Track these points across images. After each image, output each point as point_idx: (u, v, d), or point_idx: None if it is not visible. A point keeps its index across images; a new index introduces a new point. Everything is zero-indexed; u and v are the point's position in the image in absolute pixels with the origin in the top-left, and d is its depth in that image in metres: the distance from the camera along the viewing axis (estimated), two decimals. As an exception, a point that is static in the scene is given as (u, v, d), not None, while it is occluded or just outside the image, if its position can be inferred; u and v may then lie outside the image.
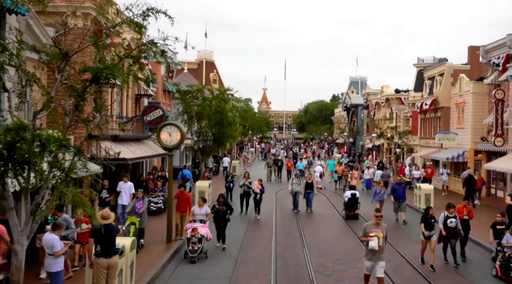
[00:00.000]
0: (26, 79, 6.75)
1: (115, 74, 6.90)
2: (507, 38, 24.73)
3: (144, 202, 14.36)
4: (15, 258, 6.54)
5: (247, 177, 21.22)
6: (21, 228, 6.57)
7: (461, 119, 30.07)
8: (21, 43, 6.83)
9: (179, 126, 15.11)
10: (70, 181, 6.34)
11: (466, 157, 28.54)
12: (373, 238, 9.86)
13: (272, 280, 11.71)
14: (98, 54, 7.50)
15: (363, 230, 10.35)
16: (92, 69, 7.14)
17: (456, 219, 13.43)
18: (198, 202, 14.85)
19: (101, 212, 8.93)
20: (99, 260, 8.67)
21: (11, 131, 5.39)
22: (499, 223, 13.37)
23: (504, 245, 12.33)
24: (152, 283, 11.12)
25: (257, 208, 20.42)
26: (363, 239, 10.29)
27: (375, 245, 9.83)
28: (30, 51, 7.59)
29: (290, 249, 14.88)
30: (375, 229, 10.07)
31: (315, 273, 12.25)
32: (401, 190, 19.86)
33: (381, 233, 10.00)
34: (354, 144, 62.82)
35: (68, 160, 6.37)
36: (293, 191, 22.04)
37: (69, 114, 6.95)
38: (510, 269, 11.78)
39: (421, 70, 37.46)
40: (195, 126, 24.57)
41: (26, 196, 6.47)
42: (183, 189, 16.22)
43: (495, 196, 26.91)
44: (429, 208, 13.61)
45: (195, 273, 12.24)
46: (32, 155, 5.48)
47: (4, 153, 5.57)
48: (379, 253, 10.01)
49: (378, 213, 10.36)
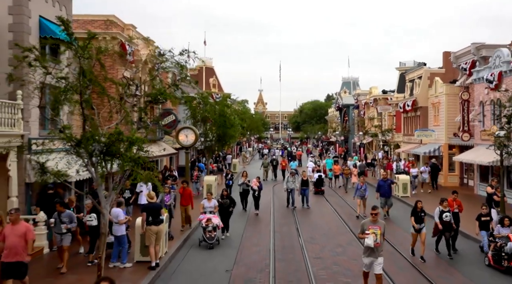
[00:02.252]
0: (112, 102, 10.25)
1: (167, 97, 10.43)
2: (471, 46, 28.44)
3: (171, 195, 17.00)
4: (103, 217, 10.08)
5: (245, 176, 22.18)
6: (106, 198, 10.08)
7: (437, 118, 33.74)
8: (106, 79, 10.24)
9: (193, 129, 18.67)
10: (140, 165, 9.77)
11: (442, 151, 32.22)
12: (369, 235, 9.95)
13: (271, 247, 15.23)
14: (153, 84, 11.05)
15: (361, 227, 10.41)
16: (153, 94, 10.71)
17: (450, 213, 13.95)
18: (207, 196, 16.85)
19: (148, 193, 12.49)
20: (151, 227, 12.20)
21: (113, 135, 8.86)
22: (484, 215, 13.96)
23: (496, 236, 12.88)
24: (176, 253, 14.45)
25: (256, 204, 21.46)
26: (361, 236, 10.40)
27: (371, 242, 9.90)
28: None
29: (286, 226, 18.45)
30: (372, 226, 10.14)
31: (305, 243, 15.77)
32: (386, 186, 20.21)
33: (378, 230, 10.05)
34: (347, 143, 66.39)
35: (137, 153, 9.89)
36: (288, 189, 22.76)
37: (135, 123, 10.44)
38: (502, 258, 12.29)
39: (403, 73, 41.15)
40: (201, 129, 28.04)
41: (110, 176, 9.98)
42: (186, 185, 17.87)
43: (467, 185, 30.61)
44: (417, 201, 14.05)
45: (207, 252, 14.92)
46: (122, 149, 8.97)
47: (104, 149, 9.04)
48: (377, 250, 10.06)
49: (374, 211, 10.35)
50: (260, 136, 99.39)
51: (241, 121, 38.00)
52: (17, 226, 9.77)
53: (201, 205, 16.25)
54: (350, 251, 14.84)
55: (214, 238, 14.96)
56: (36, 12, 14.70)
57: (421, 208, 13.83)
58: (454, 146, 31.74)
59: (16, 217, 9.87)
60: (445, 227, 13.70)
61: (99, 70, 9.90)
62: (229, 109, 29.41)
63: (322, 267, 13.07)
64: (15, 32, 13.93)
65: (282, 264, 13.37)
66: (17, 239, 9.59)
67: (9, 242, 9.57)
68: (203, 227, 15.16)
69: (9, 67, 13.88)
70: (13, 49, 13.75)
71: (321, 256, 14.19)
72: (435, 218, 14.01)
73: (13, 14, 13.91)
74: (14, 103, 13.45)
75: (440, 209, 13.88)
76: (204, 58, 59.04)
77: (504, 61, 24.06)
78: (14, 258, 9.50)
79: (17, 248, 9.57)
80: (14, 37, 13.84)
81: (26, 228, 9.88)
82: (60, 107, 10.15)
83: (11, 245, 9.53)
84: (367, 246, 10.00)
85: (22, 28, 14.00)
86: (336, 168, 31.91)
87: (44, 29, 14.89)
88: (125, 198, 16.32)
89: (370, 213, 10.47)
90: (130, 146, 8.93)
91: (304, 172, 24.38)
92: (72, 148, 9.47)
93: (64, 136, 9.21)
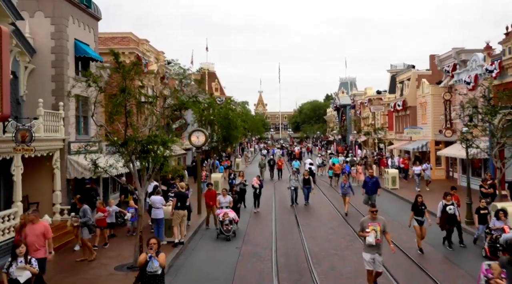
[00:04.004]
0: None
1: (189, 107, 13.20)
2: (452, 51, 31.21)
3: (190, 192, 18.83)
4: (140, 201, 12.81)
5: (242, 176, 22.73)
6: (141, 187, 12.83)
7: (424, 116, 36.45)
8: (140, 93, 12.90)
9: (204, 131, 21.28)
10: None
11: (429, 147, 34.95)
12: (370, 233, 10.06)
13: (273, 230, 17.96)
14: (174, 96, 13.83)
15: (361, 225, 10.47)
16: (178, 105, 13.46)
17: (454, 205, 14.30)
18: (222, 192, 17.84)
19: (180, 184, 15.41)
20: (179, 211, 14.99)
21: (150, 137, 11.52)
22: (482, 208, 14.41)
23: (492, 228, 13.26)
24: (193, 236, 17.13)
25: (256, 202, 22.00)
26: (361, 234, 10.45)
27: (372, 240, 10.01)
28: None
29: (286, 215, 21.18)
30: (371, 223, 10.22)
31: (302, 227, 18.48)
32: (371, 183, 20.49)
33: (378, 227, 10.13)
34: (344, 141, 69.12)
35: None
36: (291, 187, 23.31)
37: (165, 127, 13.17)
38: (498, 249, 12.58)
39: (394, 75, 43.90)
40: (208, 130, 30.79)
41: (145, 169, 12.71)
42: (211, 187, 19.11)
43: (452, 178, 33.32)
44: (417, 196, 14.48)
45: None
46: (156, 148, 11.70)
47: (144, 148, 11.78)
48: (377, 247, 10.15)
49: (373, 209, 10.45)
50: (261, 136, 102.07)
51: (243, 122, 40.60)
52: (36, 226, 10.45)
53: (218, 200, 17.54)
54: (340, 232, 17.57)
55: (231, 230, 16.15)
56: (72, 35, 17.50)
57: (421, 202, 14.22)
58: (440, 142, 34.42)
59: (34, 217, 10.59)
60: (449, 219, 14.10)
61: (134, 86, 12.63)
62: (233, 112, 32.23)
63: (316, 244, 15.74)
64: (57, 54, 16.73)
65: (283, 242, 16.07)
66: (35, 238, 10.25)
67: (29, 240, 10.09)
68: (220, 221, 16.29)
69: (52, 83, 16.72)
70: (55, 68, 16.56)
71: (315, 236, 16.89)
72: (437, 212, 14.58)
73: (54, 39, 16.71)
74: (57, 113, 16.21)
75: (444, 203, 14.35)
76: (206, 63, 61.99)
77: (479, 65, 26.77)
78: (33, 255, 9.75)
79: (36, 246, 10.16)
80: (55, 57, 16.68)
81: (44, 227, 10.54)
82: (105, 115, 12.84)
83: (30, 243, 10.02)
84: (369, 244, 10.07)
85: (62, 50, 16.81)
86: (336, 167, 32.33)
87: (78, 49, 17.66)
88: (135, 198, 17.05)
89: (369, 210, 10.57)
90: (162, 146, 11.63)
91: (306, 171, 25.12)
92: (117, 148, 12.19)
93: (111, 139, 11.94)
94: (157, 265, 8.45)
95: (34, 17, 16.49)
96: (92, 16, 19.22)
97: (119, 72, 11.38)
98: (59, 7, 16.58)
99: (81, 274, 12.41)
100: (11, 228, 13.07)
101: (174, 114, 13.72)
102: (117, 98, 11.16)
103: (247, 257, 14.25)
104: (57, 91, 16.58)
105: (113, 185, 21.69)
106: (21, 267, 8.53)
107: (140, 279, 8.58)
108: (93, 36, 19.46)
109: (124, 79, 11.29)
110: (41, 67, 16.43)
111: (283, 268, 12.97)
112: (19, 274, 8.47)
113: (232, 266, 13.19)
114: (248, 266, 13.30)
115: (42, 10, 16.49)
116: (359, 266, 12.35)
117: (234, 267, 13.14)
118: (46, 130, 15.20)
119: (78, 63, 18.07)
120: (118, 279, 11.95)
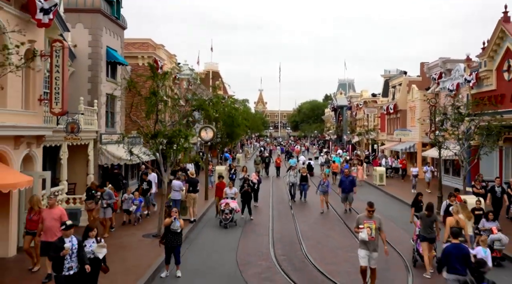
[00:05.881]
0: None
1: (205, 108, 16.27)
2: (439, 60, 34.27)
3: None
4: (163, 183, 15.80)
5: (245, 171, 23.57)
6: (165, 172, 15.85)
7: (413, 119, 39.45)
8: (168, 97, 15.86)
9: (212, 128, 24.23)
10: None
11: (416, 148, 38.02)
12: (363, 229, 10.28)
13: (270, 214, 21.00)
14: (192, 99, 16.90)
15: (356, 222, 10.74)
16: (196, 105, 16.51)
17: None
18: (229, 185, 19.60)
19: (190, 171, 18.46)
20: (191, 194, 18.04)
21: (176, 132, 14.43)
22: (477, 209, 14.69)
23: (480, 229, 13.53)
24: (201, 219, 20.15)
25: (255, 196, 22.55)
26: (356, 230, 10.71)
27: (365, 236, 10.24)
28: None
29: (282, 205, 24.23)
30: (367, 220, 10.44)
31: (295, 213, 21.52)
32: (348, 182, 21.18)
33: (373, 225, 10.33)
34: (341, 141, 72.13)
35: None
36: (290, 183, 24.49)
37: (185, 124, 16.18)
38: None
39: (387, 80, 46.93)
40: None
41: (169, 156, 15.69)
42: (222, 179, 20.97)
43: (437, 177, 36.29)
44: (418, 194, 15.32)
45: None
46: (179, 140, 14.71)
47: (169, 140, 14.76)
48: (371, 244, 10.35)
49: (369, 208, 10.58)
50: (260, 134, 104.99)
51: (245, 120, 43.56)
52: (54, 210, 10.98)
53: (224, 192, 19.16)
54: (328, 216, 20.63)
55: (229, 219, 17.82)
56: (105, 43, 20.56)
57: (420, 200, 15.07)
58: (427, 144, 37.45)
59: (53, 202, 11.17)
60: None
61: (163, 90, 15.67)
62: (236, 111, 35.25)
63: (306, 225, 18.78)
64: (93, 59, 19.77)
65: (278, 224, 19.11)
66: (53, 222, 10.73)
67: (46, 224, 10.71)
68: (221, 210, 18.00)
69: (88, 83, 19.77)
70: (91, 71, 19.61)
71: (306, 221, 19.94)
72: (441, 211, 15.28)
73: (91, 46, 19.74)
74: (92, 109, 19.23)
75: (448, 203, 14.90)
76: (210, 62, 65.07)
77: (461, 75, 29.80)
78: (51, 238, 10.29)
79: (53, 229, 10.64)
80: (92, 62, 19.75)
81: (61, 212, 11.07)
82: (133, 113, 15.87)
83: (48, 227, 10.65)
84: (362, 239, 10.34)
85: (97, 56, 19.85)
86: (335, 166, 33.25)
87: (109, 55, 20.69)
88: (143, 189, 19.05)
89: (366, 209, 10.74)
90: (185, 139, 14.67)
91: (303, 168, 25.93)
92: (147, 140, 15.20)
93: (143, 132, 14.96)
94: (178, 225, 11.67)
95: (75, 28, 19.49)
96: (120, 26, 22.29)
97: (154, 80, 14.35)
98: (96, 20, 19.67)
99: (115, 241, 15.42)
100: (59, 201, 16.11)
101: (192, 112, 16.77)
102: (151, 100, 14.15)
103: (248, 234, 17.23)
104: (92, 91, 19.69)
105: (131, 173, 24.75)
106: (101, 245, 9.26)
107: (165, 236, 11.66)
108: (120, 42, 22.50)
109: (157, 85, 14.26)
110: (80, 70, 19.49)
111: (278, 242, 15.97)
112: (99, 251, 9.18)
113: (236, 240, 16.17)
114: (249, 240, 16.26)
115: (82, 22, 19.53)
116: (340, 243, 15.66)
117: (237, 240, 16.13)
118: (85, 123, 18.23)
119: (108, 66, 21.10)
120: (147, 243, 15.03)
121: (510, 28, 22.33)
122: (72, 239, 8.58)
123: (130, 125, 23.45)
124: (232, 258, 13.82)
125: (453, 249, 9.06)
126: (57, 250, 8.38)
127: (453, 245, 9.20)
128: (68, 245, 8.39)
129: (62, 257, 8.34)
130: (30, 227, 11.48)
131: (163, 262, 12.40)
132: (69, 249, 8.38)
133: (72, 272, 8.47)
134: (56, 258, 8.42)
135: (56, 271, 8.49)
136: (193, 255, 14.06)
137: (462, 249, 9.11)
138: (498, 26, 23.22)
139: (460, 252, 9.00)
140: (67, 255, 8.37)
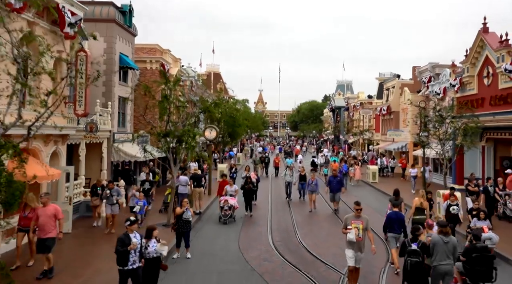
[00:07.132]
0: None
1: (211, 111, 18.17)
2: (429, 65, 36.17)
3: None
4: (172, 177, 17.65)
5: (247, 170, 24.35)
6: (174, 167, 17.68)
7: (405, 120, 41.36)
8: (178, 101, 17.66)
9: (215, 128, 26.09)
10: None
11: (408, 147, 39.91)
12: (351, 230, 10.24)
13: (269, 207, 22.86)
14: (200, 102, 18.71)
15: (344, 222, 10.72)
16: (203, 108, 18.35)
17: (458, 206, 14.93)
18: (229, 182, 20.31)
19: (195, 168, 20.28)
20: (196, 188, 19.88)
21: (184, 131, 16.26)
22: (475, 209, 14.79)
23: (472, 228, 13.54)
24: (205, 212, 21.99)
25: (254, 195, 23.05)
26: (343, 231, 10.58)
27: (353, 237, 10.20)
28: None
29: (279, 198, 26.11)
30: (355, 221, 10.42)
31: (292, 207, 23.38)
32: (335, 182, 21.47)
33: (361, 225, 10.30)
34: (338, 141, 73.98)
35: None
36: (286, 182, 25.13)
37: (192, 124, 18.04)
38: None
39: (382, 82, 48.83)
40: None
41: (179, 153, 17.52)
42: (225, 177, 21.92)
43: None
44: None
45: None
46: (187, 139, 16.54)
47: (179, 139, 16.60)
48: (359, 244, 10.35)
49: (357, 207, 10.63)
50: (260, 134, 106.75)
51: (246, 121, 45.38)
52: (48, 208, 11.17)
53: (225, 189, 19.90)
54: (321, 210, 22.49)
55: (228, 215, 18.74)
56: (118, 50, 22.44)
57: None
58: (417, 144, 39.31)
59: (46, 200, 11.32)
60: (451, 219, 14.73)
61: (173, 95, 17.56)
62: (237, 112, 37.11)
63: (301, 217, 20.71)
64: (107, 65, 21.64)
65: (276, 215, 21.00)
66: (47, 219, 10.93)
67: (40, 222, 10.88)
68: (220, 206, 19.00)
69: (103, 86, 21.64)
70: (105, 76, 21.47)
71: (301, 213, 21.82)
72: (442, 211, 15.68)
73: (106, 53, 21.61)
74: (106, 110, 21.08)
75: (448, 203, 15.18)
76: (212, 64, 66.94)
77: (447, 79, 31.68)
78: (45, 235, 10.62)
79: (47, 227, 10.89)
80: (106, 67, 21.58)
81: (55, 209, 11.25)
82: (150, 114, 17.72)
83: (43, 224, 10.82)
84: (350, 240, 10.28)
85: (111, 62, 21.73)
86: (334, 166, 32.02)
87: (122, 61, 22.57)
88: (144, 189, 19.02)
89: (354, 208, 10.80)
90: (193, 138, 16.53)
91: (302, 168, 26.16)
92: (159, 139, 17.04)
93: (156, 131, 16.81)
94: (190, 214, 13.53)
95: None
96: (131, 33, 24.18)
97: (166, 86, 16.20)
98: (110, 29, 21.57)
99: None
100: (78, 193, 18.00)
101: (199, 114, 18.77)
102: (164, 103, 16.02)
103: (249, 225, 19.07)
104: (107, 93, 21.58)
105: (139, 170, 26.58)
106: (163, 243, 9.67)
107: (177, 223, 13.47)
108: (131, 49, 24.38)
109: (169, 90, 16.10)
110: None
111: (275, 230, 17.88)
112: (162, 249, 9.56)
113: (238, 230, 18.00)
114: (249, 229, 18.10)
115: (98, 31, 21.26)
116: (331, 231, 17.44)
117: (239, 230, 17.96)
118: (100, 123, 20.08)
119: (120, 71, 22.96)
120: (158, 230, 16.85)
121: (489, 38, 24.19)
122: (136, 234, 9.07)
123: (138, 125, 25.34)
124: (234, 244, 15.66)
125: (393, 215, 12.41)
126: (123, 244, 8.81)
127: (394, 212, 12.49)
128: (135, 240, 8.89)
129: (127, 251, 8.76)
130: (24, 224, 11.66)
131: (173, 247, 14.12)
132: (137, 243, 8.88)
133: (136, 266, 8.93)
134: (122, 252, 8.80)
135: (120, 264, 8.89)
136: (200, 242, 15.86)
137: (399, 215, 12.40)
138: (478, 36, 25.11)
139: (397, 217, 12.25)
140: (132, 249, 8.84)
